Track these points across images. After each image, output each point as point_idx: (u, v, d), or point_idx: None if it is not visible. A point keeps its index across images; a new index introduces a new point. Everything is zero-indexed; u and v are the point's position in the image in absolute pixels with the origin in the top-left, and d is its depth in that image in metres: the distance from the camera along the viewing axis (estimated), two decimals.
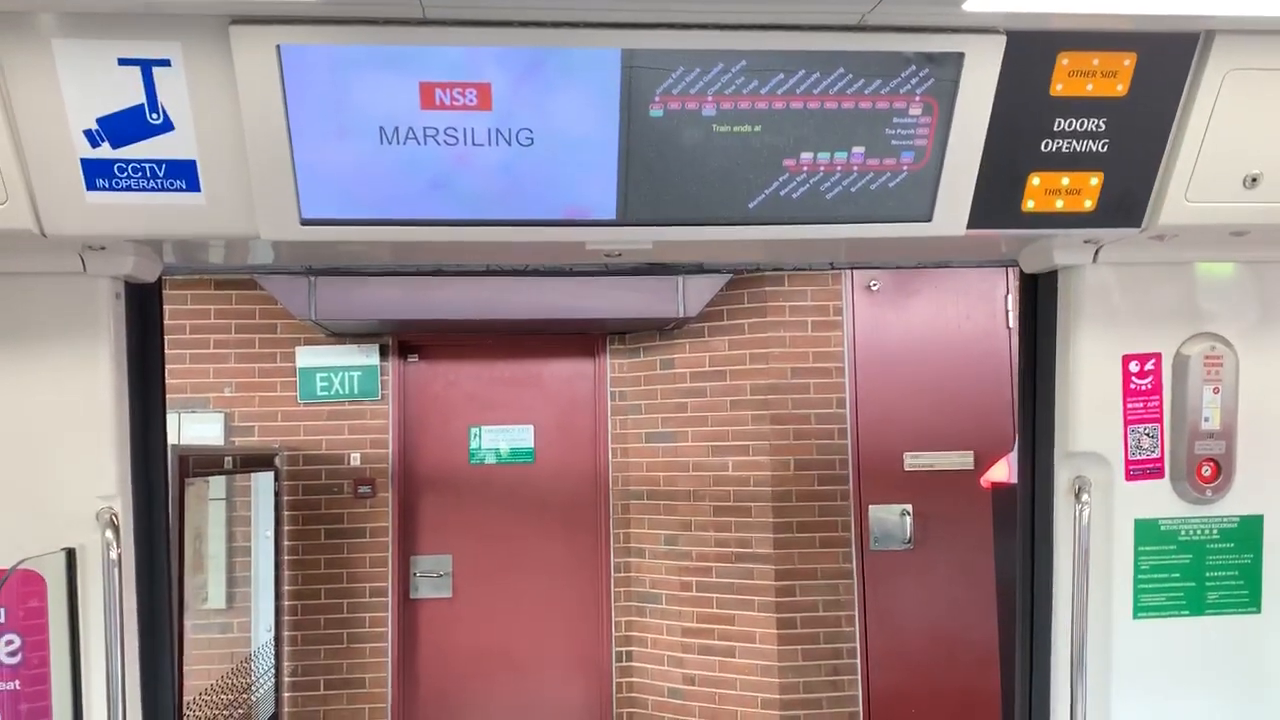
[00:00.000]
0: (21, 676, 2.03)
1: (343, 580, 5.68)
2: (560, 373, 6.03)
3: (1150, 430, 2.23)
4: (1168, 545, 2.25)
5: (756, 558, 5.39)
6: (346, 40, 1.65)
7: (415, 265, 2.32)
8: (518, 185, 1.81)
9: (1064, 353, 2.24)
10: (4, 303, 2.00)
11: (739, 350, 5.50)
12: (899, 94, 1.79)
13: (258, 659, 5.34)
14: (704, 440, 5.58)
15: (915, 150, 1.84)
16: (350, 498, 5.71)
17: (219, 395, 5.63)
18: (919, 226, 1.92)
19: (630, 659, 5.86)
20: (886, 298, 5.47)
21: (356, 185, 1.78)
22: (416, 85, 1.70)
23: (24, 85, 1.66)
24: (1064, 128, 1.87)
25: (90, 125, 1.71)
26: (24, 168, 1.71)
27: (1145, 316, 2.21)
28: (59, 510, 2.01)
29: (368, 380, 5.73)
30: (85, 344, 2.02)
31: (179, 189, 1.78)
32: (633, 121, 1.76)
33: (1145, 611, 2.25)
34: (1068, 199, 1.94)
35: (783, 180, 1.85)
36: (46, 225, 1.78)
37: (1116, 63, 1.81)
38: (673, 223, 1.89)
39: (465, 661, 5.81)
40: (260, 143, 1.71)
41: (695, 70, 1.73)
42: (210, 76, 1.68)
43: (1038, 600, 2.31)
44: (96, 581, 2.00)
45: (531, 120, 1.75)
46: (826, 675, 5.33)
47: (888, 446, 5.40)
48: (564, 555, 5.91)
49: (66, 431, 2.01)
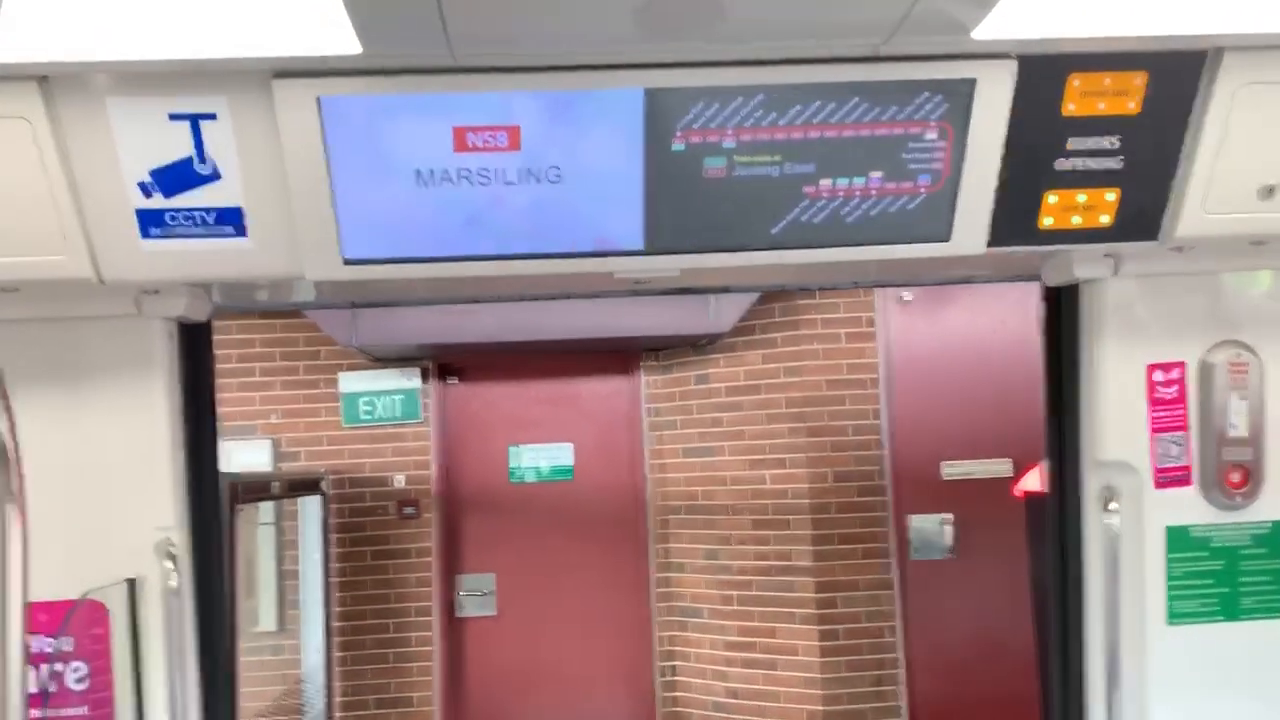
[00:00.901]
0: (89, 701, 2.12)
1: (389, 600, 5.78)
2: (597, 390, 6.10)
3: (1177, 438, 2.25)
4: (1200, 552, 2.27)
5: (797, 570, 5.41)
6: (382, 90, 1.73)
7: (451, 297, 2.40)
8: (548, 220, 1.88)
9: (1088, 364, 2.26)
10: (65, 346, 2.10)
11: (773, 364, 5.54)
12: (914, 120, 1.84)
13: (309, 680, 5.43)
14: (741, 454, 5.62)
15: (932, 173, 1.89)
16: (395, 519, 5.80)
17: (266, 422, 5.76)
18: (938, 246, 1.96)
19: (674, 673, 5.89)
20: (919, 308, 5.48)
21: (395, 226, 1.86)
22: (450, 129, 1.78)
23: (82, 142, 1.76)
24: (1078, 146, 1.90)
25: (144, 177, 1.80)
26: (82, 219, 1.81)
27: (1168, 326, 2.24)
28: (120, 542, 2.10)
29: (409, 403, 5.83)
30: (142, 383, 2.11)
31: (228, 234, 1.86)
32: (656, 156, 1.83)
33: (1179, 618, 2.26)
34: (1085, 215, 1.97)
35: (803, 206, 1.90)
36: (104, 273, 1.87)
37: (1127, 82, 1.85)
38: (697, 250, 1.95)
39: (511, 678, 5.88)
40: (303, 188, 1.80)
41: (715, 105, 1.79)
42: (255, 128, 1.77)
43: (1070, 609, 2.33)
44: (157, 609, 2.09)
45: (559, 158, 1.82)
46: (870, 686, 5.34)
47: (925, 456, 5.41)
48: (605, 571, 5.97)
49: (126, 466, 2.11)
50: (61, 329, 2.09)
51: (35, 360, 2.07)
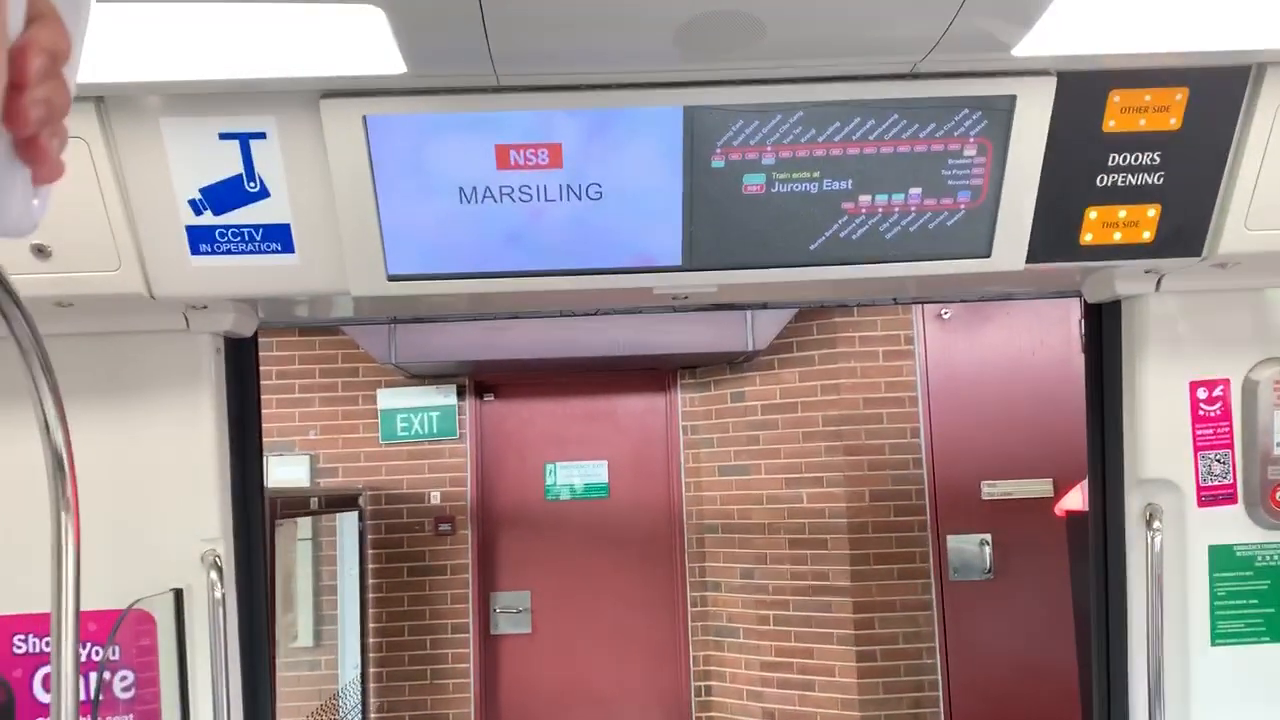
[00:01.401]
0: (135, 711, 2.15)
1: (425, 617, 5.81)
2: (632, 408, 6.11)
3: (1221, 456, 2.22)
4: (1244, 571, 2.24)
5: (834, 590, 5.38)
6: (427, 109, 1.76)
7: (491, 313, 2.42)
8: (588, 237, 1.90)
9: (1130, 381, 2.25)
10: (114, 359, 2.15)
11: (809, 382, 5.53)
12: (953, 136, 1.84)
13: (345, 695, 5.47)
14: (777, 473, 5.61)
15: (972, 189, 1.89)
16: (431, 535, 5.84)
17: (304, 438, 5.83)
18: (978, 263, 1.96)
19: (709, 693, 5.87)
20: (958, 326, 5.46)
21: (438, 242, 1.88)
22: (492, 148, 1.80)
23: (135, 161, 1.80)
24: (1118, 162, 1.90)
25: (194, 195, 1.85)
26: (135, 236, 1.85)
27: (1211, 343, 2.22)
28: (167, 552, 2.14)
29: (446, 420, 5.88)
30: (189, 396, 2.15)
31: (275, 251, 1.90)
32: (695, 173, 1.84)
33: (1223, 638, 2.23)
34: (1125, 231, 1.97)
35: (842, 222, 1.91)
36: (155, 288, 1.91)
37: (1168, 98, 1.85)
38: (736, 266, 1.96)
39: (546, 696, 5.88)
40: (349, 206, 1.83)
41: (754, 122, 1.80)
42: (302, 146, 1.80)
43: (1113, 629, 2.31)
44: (202, 620, 2.12)
45: (600, 176, 1.84)
46: (909, 709, 5.29)
47: (964, 475, 5.37)
48: (641, 589, 5.96)
49: (173, 478, 2.14)
50: (112, 343, 2.14)
51: (86, 374, 2.12)
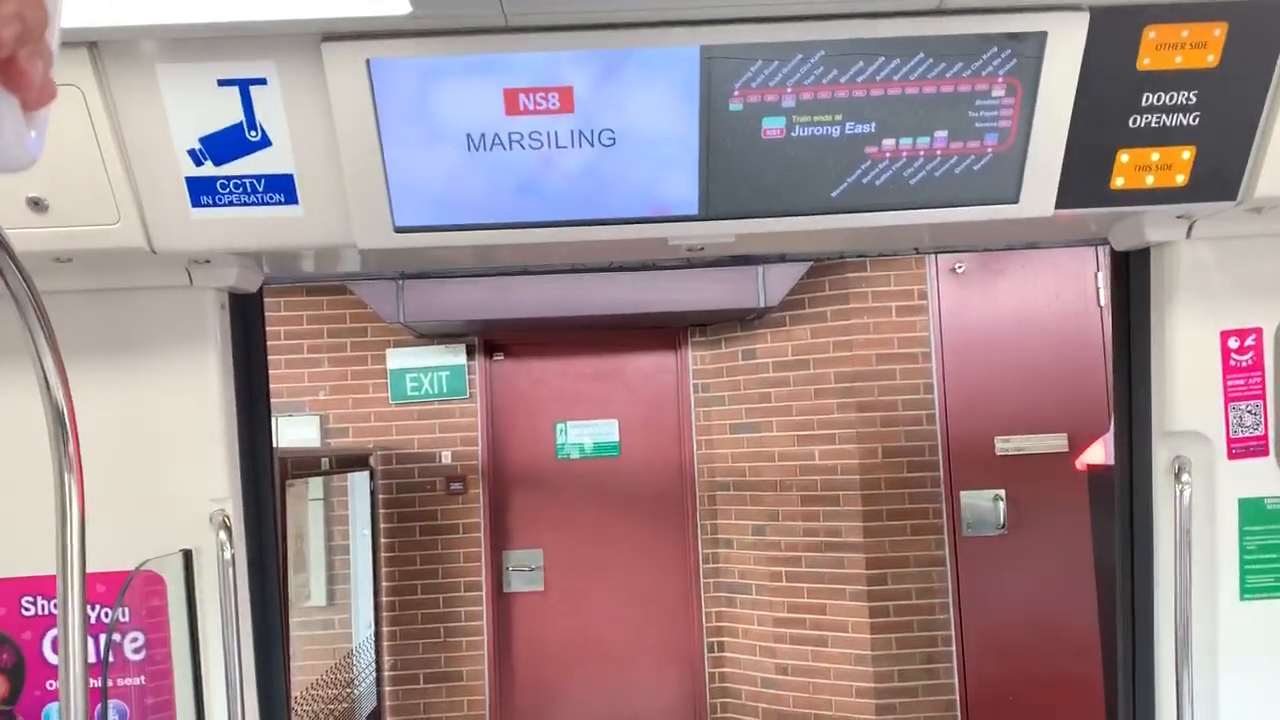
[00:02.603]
0: (146, 672, 2.13)
1: (438, 576, 5.81)
2: (643, 366, 6.07)
3: (1253, 407, 2.17)
4: (1274, 525, 2.19)
5: (846, 546, 5.36)
6: (433, 51, 1.69)
7: (501, 266, 2.36)
8: (601, 185, 1.84)
9: (1159, 331, 2.19)
10: (117, 316, 2.10)
11: (822, 338, 5.47)
12: (981, 76, 1.77)
13: (359, 654, 5.49)
14: (789, 430, 5.57)
15: (999, 132, 1.82)
16: (443, 494, 5.83)
17: (314, 398, 5.80)
18: (1006, 209, 1.89)
19: (722, 649, 5.88)
20: (972, 279, 5.39)
21: (446, 192, 1.82)
22: (501, 92, 1.74)
23: (132, 110, 1.74)
24: (1152, 102, 1.82)
25: (193, 145, 1.78)
26: (134, 188, 1.79)
27: (1243, 291, 2.15)
28: (175, 513, 2.10)
29: (456, 379, 5.84)
30: (194, 354, 2.10)
31: (278, 202, 1.84)
32: (712, 116, 1.78)
33: (1252, 593, 2.19)
34: (1159, 175, 1.89)
35: (865, 168, 1.84)
36: (155, 242, 1.86)
37: (1206, 34, 1.77)
38: (755, 215, 1.89)
39: (559, 653, 5.90)
40: (354, 154, 1.77)
41: (774, 63, 1.73)
42: (304, 93, 1.74)
43: (1138, 584, 2.27)
44: (212, 580, 2.09)
45: (613, 120, 1.78)
46: (922, 664, 5.29)
47: (978, 431, 5.33)
48: (652, 547, 5.96)
49: (179, 438, 2.10)
50: (114, 300, 2.09)
51: (88, 331, 2.07)
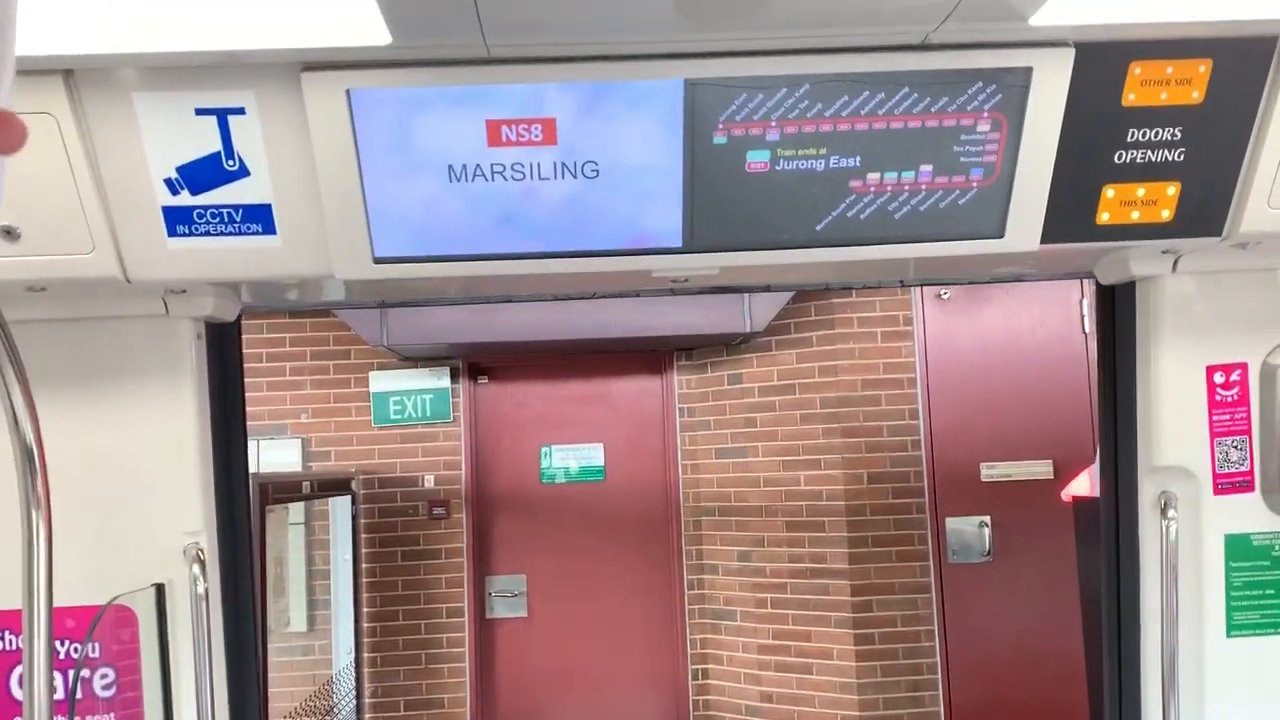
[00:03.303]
0: (116, 709, 2.08)
1: (420, 601, 5.76)
2: (628, 390, 6.05)
3: (1238, 443, 2.16)
4: (1261, 560, 2.18)
5: (832, 573, 5.34)
6: (414, 82, 1.67)
7: (482, 296, 2.34)
8: (584, 217, 1.82)
9: (1145, 365, 2.18)
10: (91, 346, 2.06)
11: (807, 363, 5.46)
12: (966, 111, 1.76)
13: (339, 681, 5.42)
14: (774, 455, 5.55)
15: (985, 166, 1.81)
16: (425, 519, 5.78)
17: (296, 421, 5.75)
18: (991, 243, 1.88)
19: (706, 676, 5.83)
20: (958, 306, 5.39)
21: (427, 223, 1.80)
22: (483, 123, 1.72)
23: (108, 138, 1.71)
24: (1138, 138, 1.82)
25: (170, 174, 1.76)
26: (109, 218, 1.77)
27: (1229, 326, 2.15)
28: (148, 546, 2.06)
29: (439, 403, 5.81)
30: (169, 384, 2.07)
31: (255, 232, 1.82)
32: (696, 149, 1.76)
33: (1239, 629, 2.17)
34: (1144, 210, 1.89)
35: (850, 201, 1.83)
36: (131, 272, 1.83)
37: (1191, 70, 1.77)
38: (739, 248, 1.88)
39: (542, 680, 5.84)
40: (333, 185, 1.75)
41: (758, 96, 1.72)
42: (283, 122, 1.72)
43: (1125, 618, 2.25)
44: (185, 615, 2.05)
45: (596, 152, 1.76)
46: (907, 691, 5.25)
47: (963, 457, 5.32)
48: (637, 573, 5.92)
49: (153, 470, 2.07)
50: (88, 329, 2.05)
51: (61, 361, 2.04)
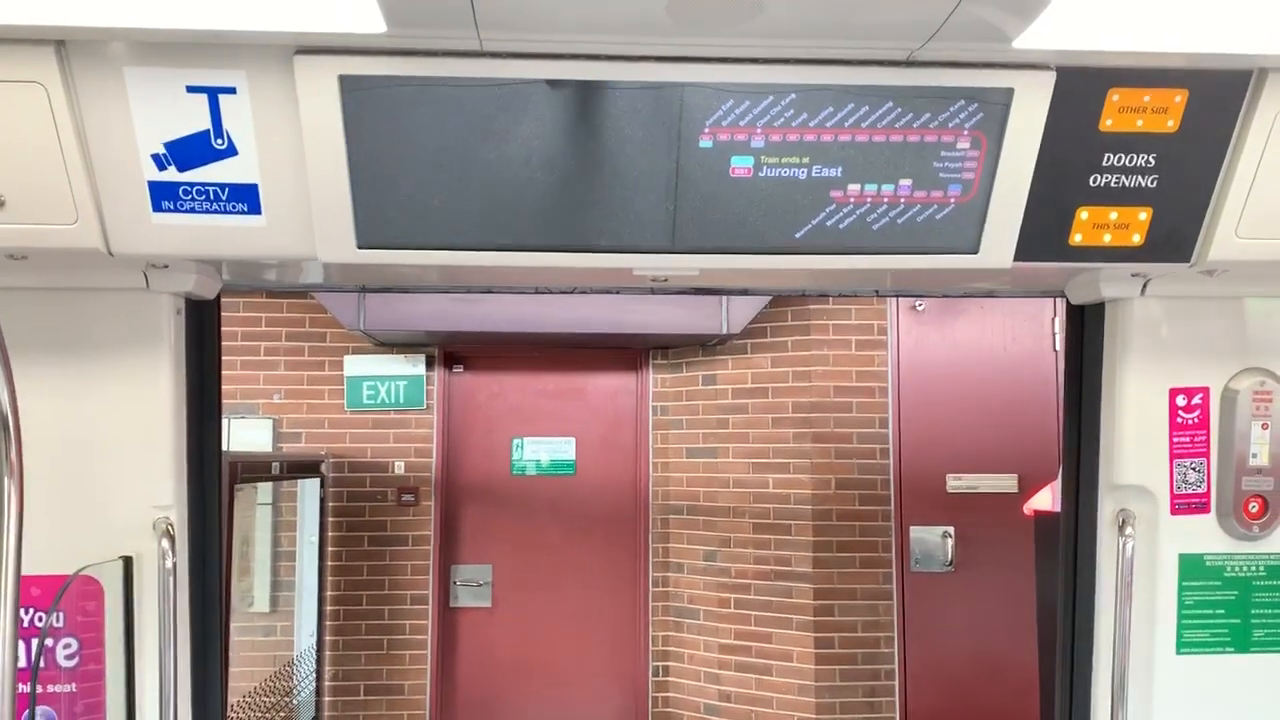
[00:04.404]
0: (78, 679, 2.09)
1: (384, 587, 5.75)
2: (603, 386, 6.06)
3: (1197, 465, 2.21)
4: (1213, 581, 2.23)
5: (795, 576, 5.38)
6: (405, 70, 1.69)
7: (465, 286, 2.36)
8: (569, 212, 1.84)
9: (1110, 385, 2.23)
10: (70, 317, 2.07)
11: (781, 368, 5.50)
12: (947, 128, 1.80)
13: (300, 663, 5.41)
14: (745, 457, 5.58)
15: (963, 183, 1.85)
16: (393, 505, 5.78)
17: (268, 401, 5.73)
18: (966, 259, 1.92)
19: (667, 673, 5.86)
20: (932, 318, 5.44)
21: (412, 211, 1.82)
22: (473, 116, 1.74)
23: (97, 110, 1.72)
24: (1113, 163, 1.86)
25: (158, 149, 1.77)
26: (94, 189, 1.77)
27: (1193, 350, 2.20)
28: (117, 519, 2.07)
29: (413, 390, 5.80)
30: (146, 358, 2.07)
31: (241, 211, 1.83)
32: (683, 152, 1.79)
33: (1189, 647, 2.23)
34: (1116, 233, 1.93)
35: (830, 211, 1.86)
36: (113, 245, 1.84)
37: (1167, 99, 1.81)
38: (720, 250, 1.91)
39: (503, 671, 5.85)
40: (320, 168, 1.76)
41: (745, 102, 1.75)
42: (273, 104, 1.73)
43: (1079, 632, 2.30)
44: (152, 588, 2.06)
45: (583, 150, 1.79)
46: (864, 696, 5.30)
47: (930, 467, 5.37)
48: (603, 568, 5.94)
49: (126, 443, 2.07)
50: (67, 300, 2.06)
51: (38, 330, 2.04)
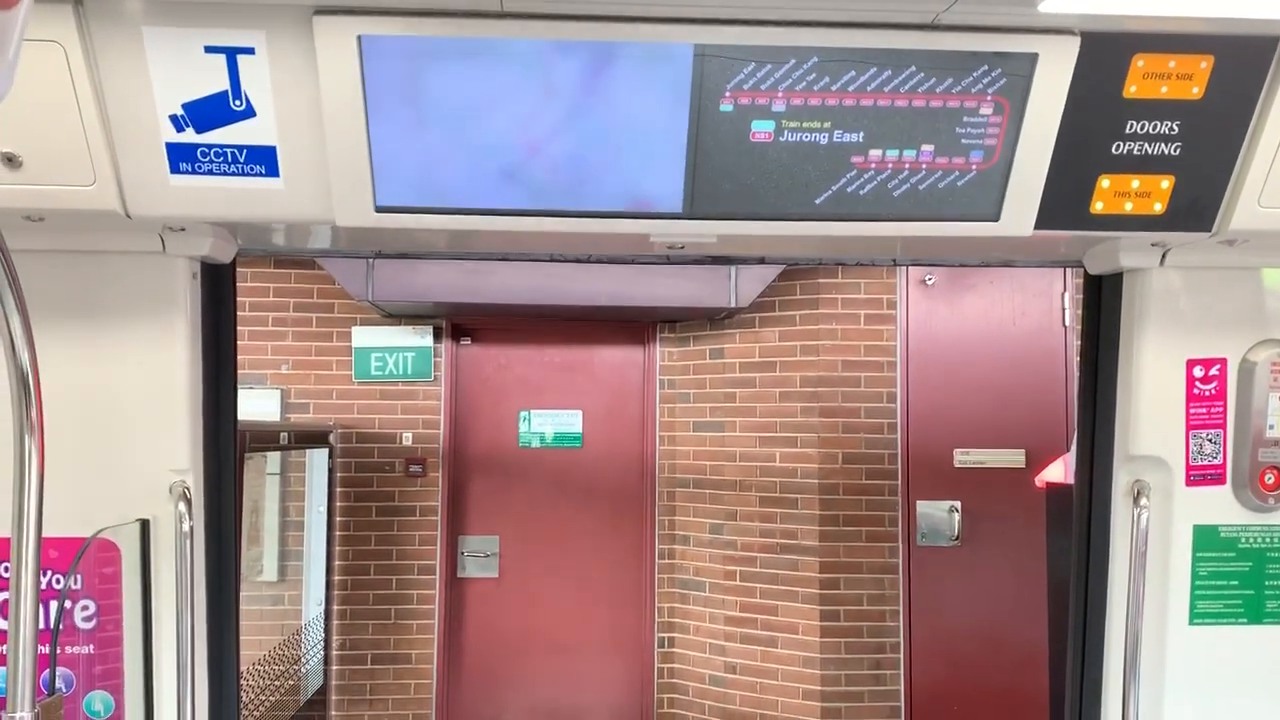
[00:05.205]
0: (95, 640, 2.10)
1: (392, 557, 5.78)
2: (610, 359, 6.06)
3: (1213, 436, 2.21)
4: (1227, 552, 2.23)
5: (801, 549, 5.40)
6: (425, 31, 1.68)
7: (478, 253, 2.35)
8: (586, 177, 1.83)
9: (1127, 355, 2.22)
10: (86, 279, 2.06)
11: (789, 342, 5.50)
12: (970, 93, 1.78)
13: (308, 632, 5.45)
14: (752, 431, 5.59)
15: (985, 149, 1.84)
16: (401, 476, 5.79)
17: (276, 372, 5.74)
18: (986, 226, 1.91)
19: (672, 645, 5.89)
20: (941, 292, 5.43)
21: (430, 175, 1.81)
22: (492, 77, 1.73)
23: (114, 70, 1.71)
24: (1136, 130, 1.85)
25: (176, 110, 1.76)
26: (112, 151, 1.76)
27: (1211, 321, 2.19)
28: (134, 482, 2.07)
29: (421, 361, 5.81)
30: (163, 322, 2.07)
31: (259, 174, 1.82)
32: (702, 116, 1.78)
33: (1202, 618, 2.23)
34: (1137, 201, 1.92)
35: (850, 177, 1.85)
36: (131, 207, 1.83)
37: (1193, 65, 1.79)
38: (738, 217, 1.90)
39: (510, 641, 5.89)
40: (339, 131, 1.75)
41: (766, 66, 1.74)
42: (292, 65, 1.72)
43: (1092, 603, 2.30)
44: (168, 552, 2.06)
45: (602, 113, 1.77)
46: (869, 669, 5.33)
47: (937, 442, 5.38)
48: (609, 540, 5.96)
49: (143, 406, 2.07)
50: (85, 262, 2.05)
51: (57, 293, 2.04)
